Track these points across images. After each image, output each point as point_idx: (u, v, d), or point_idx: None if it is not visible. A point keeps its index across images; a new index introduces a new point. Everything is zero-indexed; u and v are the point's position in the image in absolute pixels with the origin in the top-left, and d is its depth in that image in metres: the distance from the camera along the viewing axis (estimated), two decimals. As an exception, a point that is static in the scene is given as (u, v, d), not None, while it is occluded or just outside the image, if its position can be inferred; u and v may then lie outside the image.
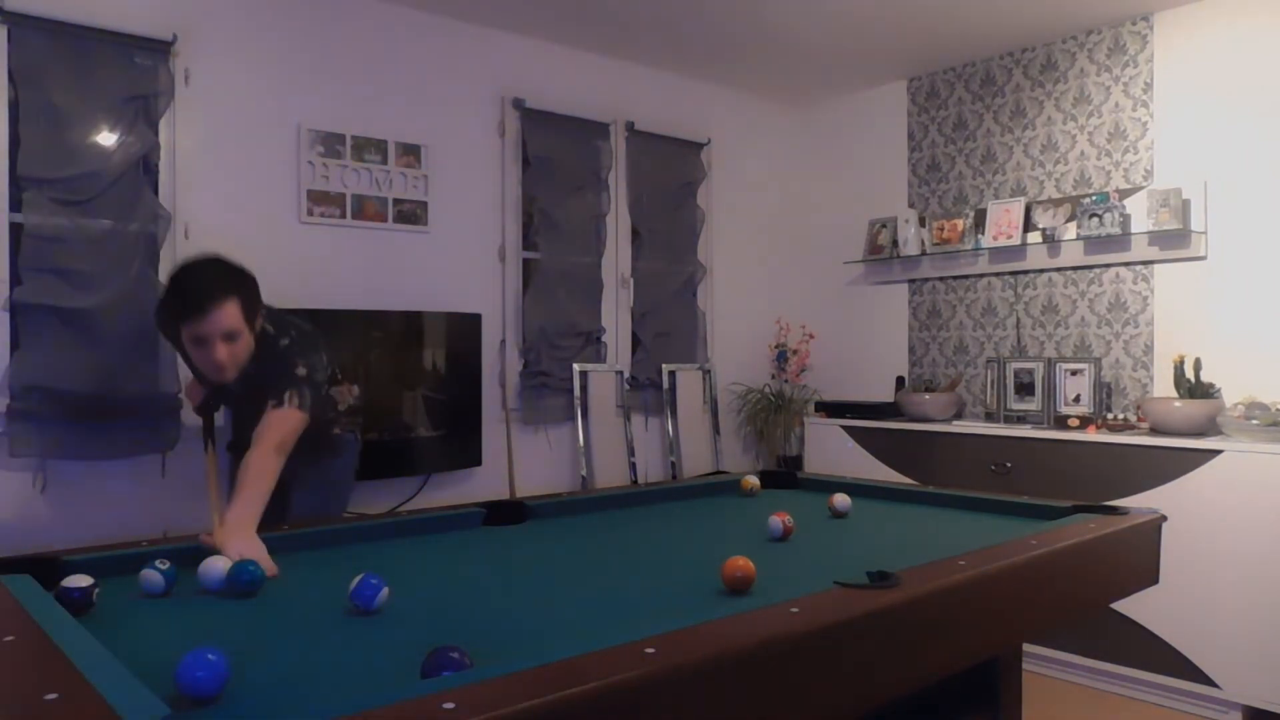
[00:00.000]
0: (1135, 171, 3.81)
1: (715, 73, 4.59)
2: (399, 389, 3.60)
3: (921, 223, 4.48)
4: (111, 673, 1.03)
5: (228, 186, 3.29)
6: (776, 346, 4.92)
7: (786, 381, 4.84)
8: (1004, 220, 4.14)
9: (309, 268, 3.44)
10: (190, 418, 3.17)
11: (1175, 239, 3.63)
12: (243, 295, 2.21)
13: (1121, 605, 3.19)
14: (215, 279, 2.19)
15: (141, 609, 1.46)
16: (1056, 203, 4.02)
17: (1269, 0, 3.45)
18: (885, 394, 4.53)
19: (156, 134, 3.12)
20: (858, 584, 1.40)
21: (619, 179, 4.36)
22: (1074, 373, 3.84)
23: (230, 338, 2.19)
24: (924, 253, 4.43)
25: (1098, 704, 3.31)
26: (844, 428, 4.27)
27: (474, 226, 3.90)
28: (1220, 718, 3.14)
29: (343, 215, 3.52)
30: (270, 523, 2.18)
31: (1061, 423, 3.76)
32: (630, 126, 4.37)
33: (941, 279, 4.48)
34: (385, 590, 1.44)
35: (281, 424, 2.15)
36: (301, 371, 2.27)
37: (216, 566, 1.57)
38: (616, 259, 4.35)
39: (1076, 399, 3.82)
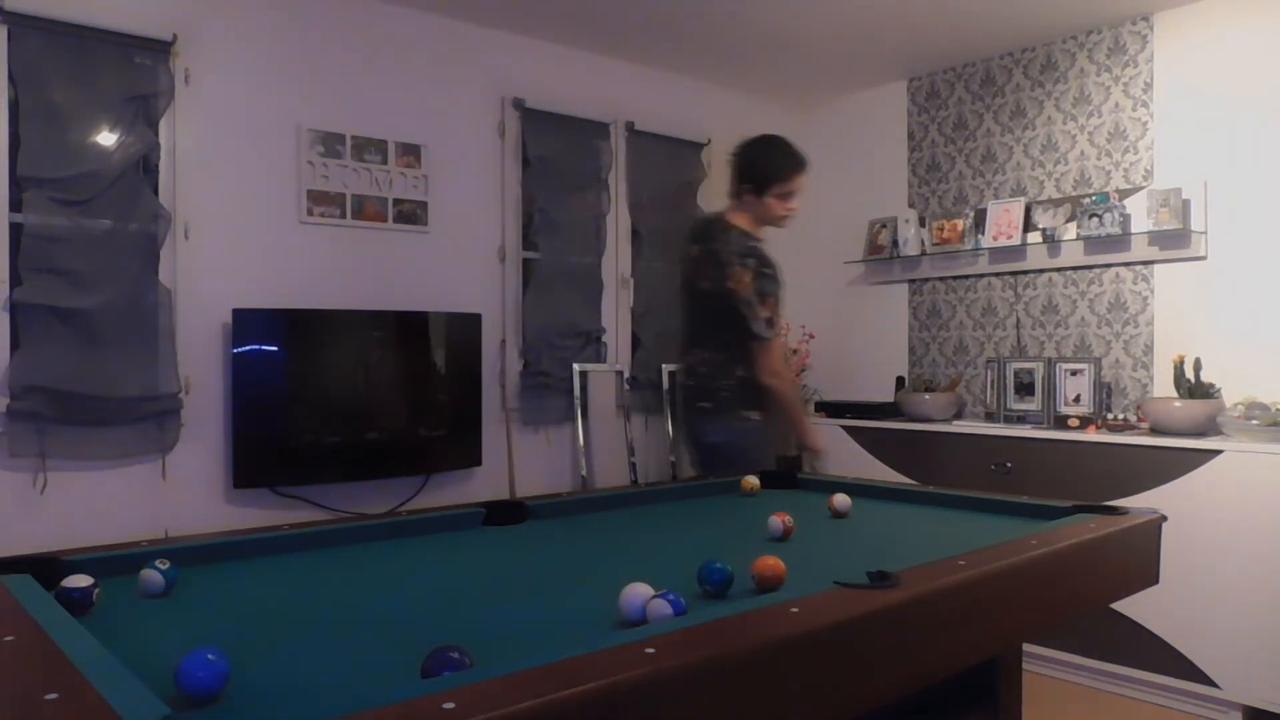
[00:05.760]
0: (1135, 171, 3.81)
1: (715, 73, 4.59)
2: (399, 389, 3.60)
3: (921, 223, 4.48)
4: (111, 673, 1.03)
5: (228, 186, 3.29)
6: (776, 346, 4.91)
7: (786, 381, 4.83)
8: (1004, 220, 4.14)
9: (309, 268, 3.44)
10: (190, 417, 3.17)
11: (1175, 239, 3.63)
12: None
13: (1121, 605, 3.19)
14: None
15: (141, 609, 1.46)
16: (1056, 203, 4.02)
17: (1269, 0, 3.45)
18: (885, 394, 4.53)
19: (156, 134, 3.13)
20: (858, 584, 1.40)
21: (619, 179, 4.36)
22: (1074, 373, 3.84)
23: (798, 197, 3.10)
24: (924, 253, 4.43)
25: (1098, 704, 3.31)
26: (844, 428, 4.27)
27: (474, 226, 3.90)
28: (1220, 718, 3.14)
29: (343, 215, 3.52)
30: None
31: (1061, 423, 3.76)
32: (630, 126, 4.37)
33: (941, 279, 4.48)
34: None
35: None
36: None
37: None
38: (616, 259, 4.35)
39: (1076, 399, 3.82)
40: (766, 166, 3.03)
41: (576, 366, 4.13)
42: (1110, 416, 3.66)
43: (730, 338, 3.00)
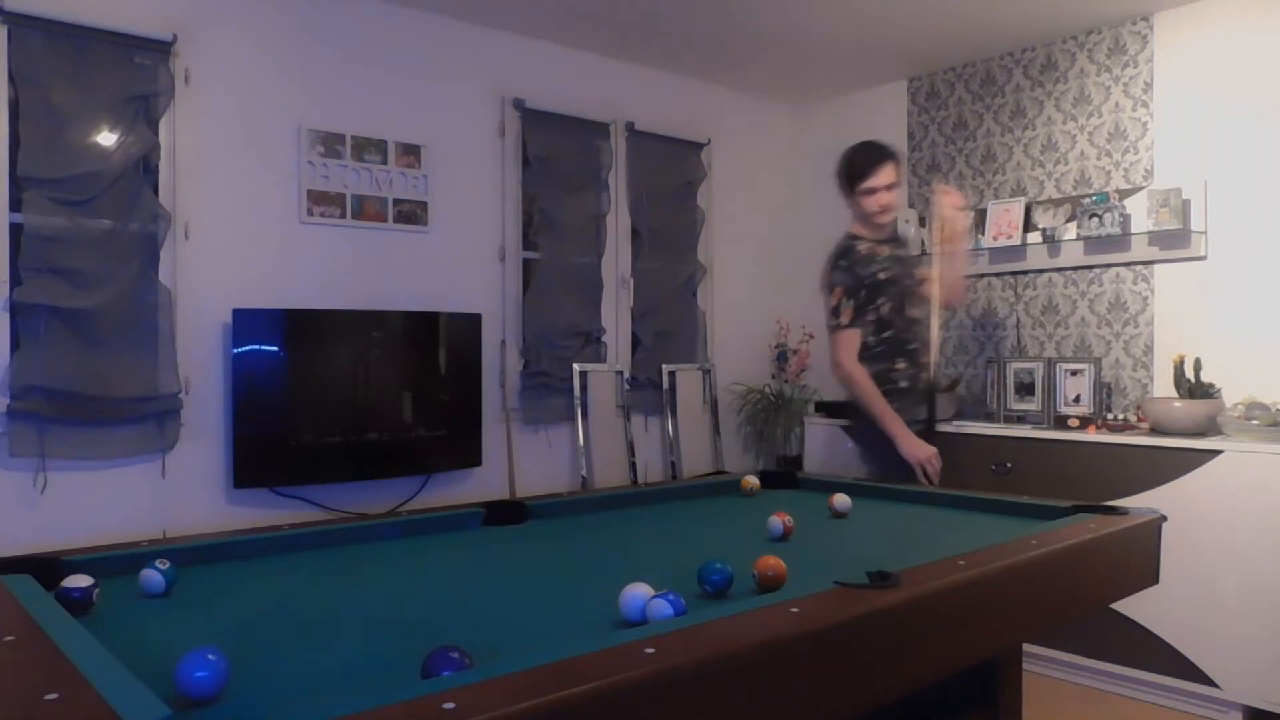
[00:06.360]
0: (1135, 171, 3.81)
1: (715, 73, 4.59)
2: (399, 389, 3.60)
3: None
4: (111, 673, 1.03)
5: (228, 186, 3.29)
6: (776, 346, 4.92)
7: (787, 381, 4.83)
8: (1004, 220, 4.14)
9: (309, 268, 3.44)
10: (190, 417, 3.17)
11: (1175, 239, 3.63)
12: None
13: (1121, 605, 3.19)
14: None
15: (141, 609, 1.46)
16: (1056, 203, 4.02)
17: (1269, 0, 3.45)
18: (885, 394, 4.53)
19: (156, 134, 3.13)
20: (858, 584, 1.40)
21: (619, 179, 4.36)
22: (1074, 373, 3.84)
23: (891, 189, 3.05)
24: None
25: (1098, 704, 3.31)
26: (844, 428, 4.26)
27: (474, 226, 3.90)
28: (1220, 718, 3.14)
29: (343, 215, 3.52)
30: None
31: (1061, 423, 3.75)
32: (630, 126, 4.37)
33: (941, 279, 4.47)
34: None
35: None
36: None
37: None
38: (616, 259, 4.35)
39: (1076, 399, 3.81)
40: (845, 168, 3.11)
41: (576, 366, 4.13)
42: (1110, 416, 3.66)
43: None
